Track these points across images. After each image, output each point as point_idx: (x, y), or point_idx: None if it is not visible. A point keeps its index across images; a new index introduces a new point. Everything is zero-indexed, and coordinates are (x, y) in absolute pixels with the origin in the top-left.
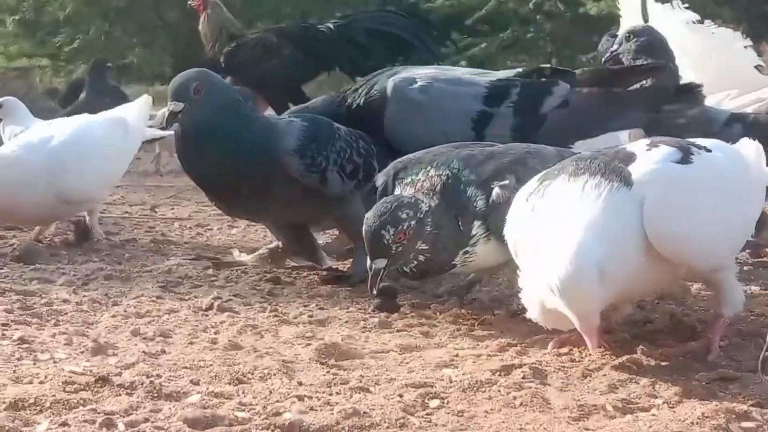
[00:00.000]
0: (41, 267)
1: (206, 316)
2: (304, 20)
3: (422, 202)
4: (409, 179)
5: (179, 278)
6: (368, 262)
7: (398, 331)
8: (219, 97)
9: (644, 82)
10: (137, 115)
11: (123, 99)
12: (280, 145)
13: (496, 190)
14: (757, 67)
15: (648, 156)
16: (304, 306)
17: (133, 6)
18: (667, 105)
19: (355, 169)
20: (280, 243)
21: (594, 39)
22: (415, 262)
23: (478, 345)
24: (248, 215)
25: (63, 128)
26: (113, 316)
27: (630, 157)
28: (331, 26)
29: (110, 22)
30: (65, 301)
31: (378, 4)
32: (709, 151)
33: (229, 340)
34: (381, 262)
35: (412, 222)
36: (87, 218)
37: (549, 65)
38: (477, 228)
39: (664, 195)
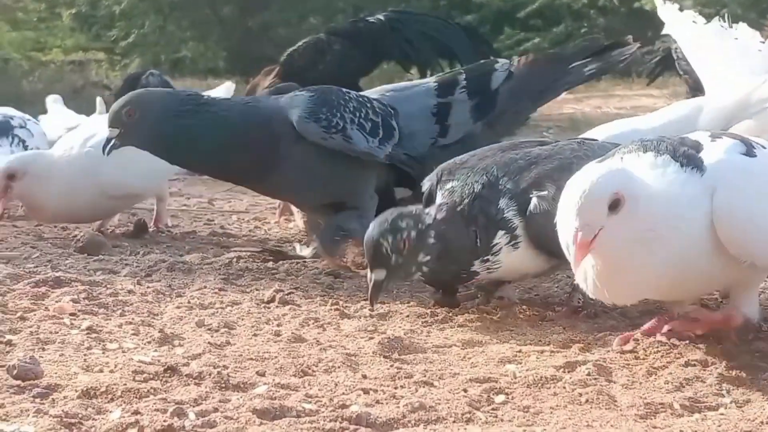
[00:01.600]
0: (105, 258)
1: (268, 308)
2: (355, 15)
3: (426, 214)
4: (449, 185)
5: (240, 271)
6: (368, 274)
7: (459, 326)
8: (159, 110)
9: None
10: None
11: None
12: (292, 118)
13: (534, 201)
14: None
15: (715, 146)
16: (365, 300)
17: (188, 1)
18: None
19: (374, 126)
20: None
21: (649, 34)
22: (419, 273)
23: (540, 341)
24: (283, 196)
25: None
26: (177, 307)
27: (697, 145)
28: (382, 17)
29: (165, 17)
30: (130, 291)
31: (431, 1)
32: (764, 147)
33: (292, 333)
34: (380, 273)
35: (412, 232)
36: (155, 208)
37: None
38: (500, 237)
39: (736, 187)
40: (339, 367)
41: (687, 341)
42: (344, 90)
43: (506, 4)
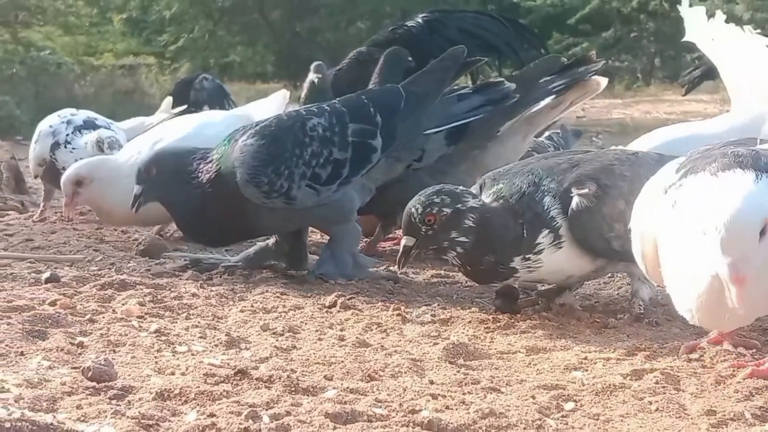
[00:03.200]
0: (166, 261)
1: (330, 313)
2: (403, 19)
3: (472, 196)
4: (495, 188)
5: (300, 275)
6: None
7: (522, 332)
8: (172, 168)
9: None
10: (270, 110)
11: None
12: (236, 178)
13: (576, 199)
14: None
15: None
16: (426, 305)
17: (237, 5)
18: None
19: (337, 166)
20: (271, 242)
21: None
22: (453, 253)
23: (605, 349)
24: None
25: (175, 129)
26: (241, 311)
27: None
28: (420, 20)
29: (214, 21)
30: (194, 295)
31: (478, 3)
32: None
33: (356, 338)
34: (410, 240)
35: (445, 209)
36: None
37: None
38: (544, 237)
39: None
40: (405, 372)
41: (754, 350)
42: (309, 125)
43: (555, 9)
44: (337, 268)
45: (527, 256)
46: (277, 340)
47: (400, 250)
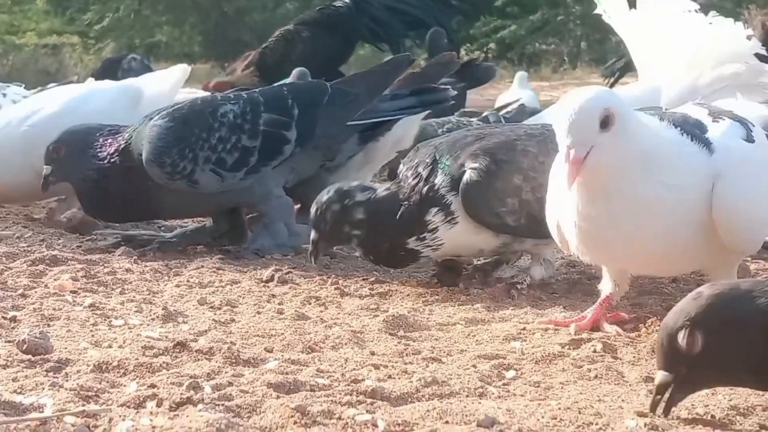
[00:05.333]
0: (98, 238)
1: (267, 287)
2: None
3: (361, 191)
4: (408, 162)
5: (236, 250)
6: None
7: (461, 304)
8: (82, 146)
9: None
10: (163, 85)
11: None
12: (142, 156)
13: (467, 173)
14: (757, 55)
15: (718, 128)
16: (363, 279)
17: None
18: None
19: (245, 154)
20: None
21: None
22: (352, 244)
23: (543, 319)
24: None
25: (54, 100)
26: (177, 286)
27: (701, 125)
28: (348, 1)
29: (140, 1)
30: (128, 270)
31: None
32: (753, 125)
33: (295, 311)
34: (315, 234)
35: (333, 206)
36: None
37: None
38: (434, 215)
39: (738, 181)
40: (346, 344)
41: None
42: (221, 111)
43: None
44: (272, 239)
45: (422, 236)
46: (215, 314)
47: (310, 244)
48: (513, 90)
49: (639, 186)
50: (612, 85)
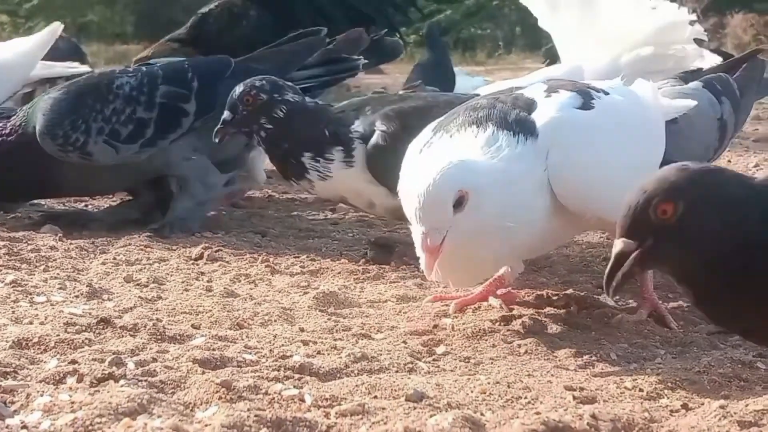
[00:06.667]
0: (22, 216)
1: (197, 264)
2: None
3: (293, 92)
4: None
5: (165, 227)
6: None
7: (392, 282)
8: None
9: None
10: (20, 50)
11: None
12: (36, 128)
13: (376, 134)
14: (696, 40)
15: (549, 103)
16: (295, 257)
17: None
18: None
19: (140, 125)
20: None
21: None
22: (258, 138)
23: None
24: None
25: None
26: (103, 263)
27: (531, 105)
28: None
29: None
30: (52, 248)
31: None
32: (606, 93)
33: (224, 288)
34: (228, 115)
35: (262, 95)
36: None
37: None
38: (337, 152)
39: (570, 147)
40: (275, 321)
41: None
42: (117, 83)
43: None
44: (191, 200)
45: (317, 158)
46: (141, 291)
47: (219, 124)
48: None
49: (498, 247)
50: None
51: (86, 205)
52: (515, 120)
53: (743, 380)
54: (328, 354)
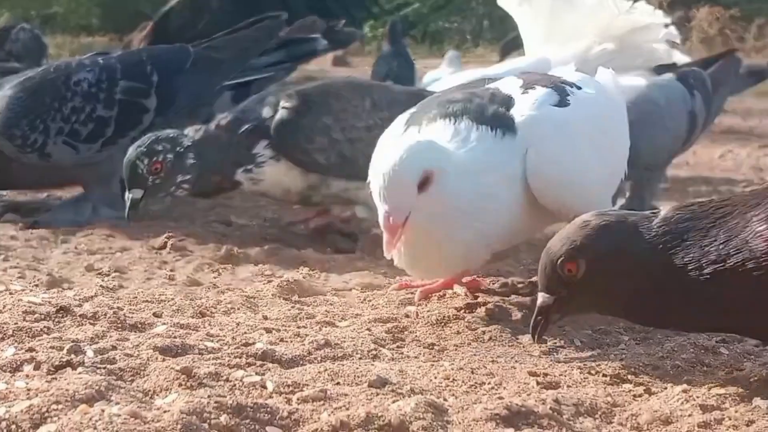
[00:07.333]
0: None
1: (160, 254)
2: None
3: (185, 136)
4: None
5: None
6: (126, 194)
7: (358, 270)
8: None
9: None
10: None
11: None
12: None
13: (280, 111)
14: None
15: (527, 100)
16: (260, 246)
17: None
18: None
19: (100, 124)
20: None
21: None
22: (180, 191)
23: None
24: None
25: None
26: (64, 253)
27: (508, 101)
28: None
29: None
30: (12, 237)
31: None
32: (579, 88)
33: (187, 277)
34: (137, 193)
35: (169, 155)
36: None
37: None
38: (263, 148)
39: (549, 146)
40: (239, 309)
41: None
42: (74, 79)
43: None
44: (70, 214)
45: (249, 168)
46: (103, 280)
47: (127, 205)
48: (442, 68)
49: (462, 234)
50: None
51: (48, 195)
52: (493, 115)
53: (706, 365)
54: (291, 341)
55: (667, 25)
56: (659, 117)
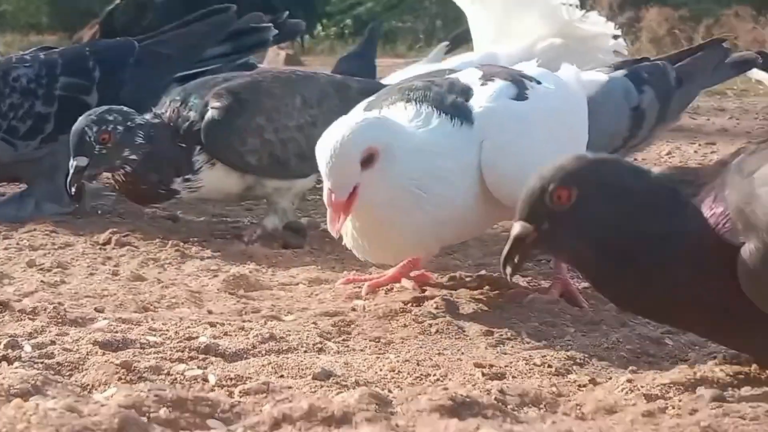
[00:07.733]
0: None
1: (104, 249)
2: None
3: (138, 115)
4: (168, 101)
5: (72, 214)
6: (71, 161)
7: (305, 265)
8: None
9: None
10: None
11: None
12: None
13: (209, 112)
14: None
15: (485, 92)
16: (206, 242)
17: None
18: None
19: (39, 120)
20: None
21: None
22: (122, 172)
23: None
24: None
25: None
26: (5, 249)
27: (467, 92)
28: None
29: None
30: None
31: None
32: (539, 83)
33: (132, 272)
34: (82, 160)
35: (119, 127)
36: None
37: None
38: (198, 154)
39: (505, 140)
40: (183, 303)
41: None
42: (12, 76)
43: None
44: (12, 209)
45: (187, 177)
46: (44, 276)
47: (71, 172)
48: (429, 60)
49: (411, 215)
50: (449, 51)
51: None
52: (452, 104)
53: (651, 356)
54: (236, 335)
55: (616, 37)
56: (589, 115)
